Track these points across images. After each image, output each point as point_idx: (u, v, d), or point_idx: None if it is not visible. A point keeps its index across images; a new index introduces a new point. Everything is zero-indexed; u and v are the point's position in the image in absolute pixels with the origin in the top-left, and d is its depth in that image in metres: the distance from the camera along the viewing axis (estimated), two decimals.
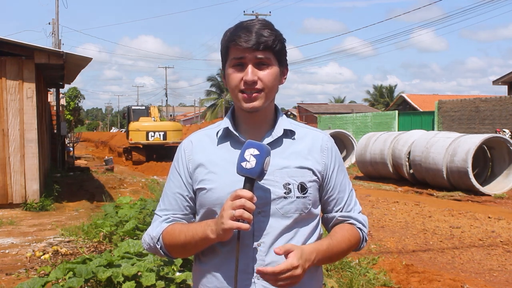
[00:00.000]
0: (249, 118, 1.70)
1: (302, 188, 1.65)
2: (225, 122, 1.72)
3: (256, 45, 1.60)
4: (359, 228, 1.76)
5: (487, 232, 7.97)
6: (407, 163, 14.58)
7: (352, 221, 1.76)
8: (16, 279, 5.21)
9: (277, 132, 1.69)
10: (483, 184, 13.08)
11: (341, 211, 1.77)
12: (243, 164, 1.54)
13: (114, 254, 4.41)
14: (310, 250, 1.59)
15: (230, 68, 1.65)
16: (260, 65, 1.63)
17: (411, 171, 14.55)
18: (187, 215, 1.74)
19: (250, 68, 1.61)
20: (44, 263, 5.69)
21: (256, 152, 1.54)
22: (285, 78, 1.74)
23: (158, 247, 1.71)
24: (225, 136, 1.71)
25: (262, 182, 1.63)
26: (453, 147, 12.88)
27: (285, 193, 1.64)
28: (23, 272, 5.44)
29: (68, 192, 12.04)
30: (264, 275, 1.54)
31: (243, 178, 1.56)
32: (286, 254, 1.53)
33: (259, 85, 1.62)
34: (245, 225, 1.50)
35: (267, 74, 1.63)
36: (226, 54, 1.67)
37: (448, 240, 7.56)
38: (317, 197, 1.72)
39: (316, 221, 1.73)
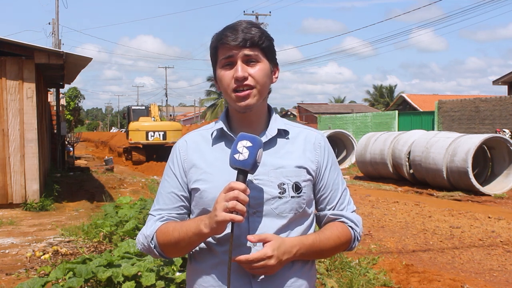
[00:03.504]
0: (242, 119, 1.70)
1: (297, 188, 1.66)
2: (220, 123, 1.73)
3: (243, 41, 1.61)
4: (350, 227, 1.75)
5: (487, 232, 7.97)
6: (407, 163, 14.57)
7: (343, 219, 1.75)
8: (16, 279, 5.21)
9: (271, 132, 1.70)
10: (483, 184, 13.08)
11: (333, 210, 1.76)
12: (236, 156, 1.53)
13: (114, 254, 4.41)
14: (293, 243, 1.59)
15: (220, 68, 1.66)
16: (249, 62, 1.64)
17: (411, 171, 14.55)
18: (181, 214, 1.73)
19: (239, 65, 1.62)
20: (44, 263, 5.69)
21: (249, 144, 1.54)
22: (277, 78, 1.74)
23: (152, 246, 1.69)
24: (220, 136, 1.72)
25: (257, 182, 1.63)
26: (453, 147, 12.88)
27: (279, 193, 1.64)
28: (23, 272, 5.44)
29: (68, 192, 12.04)
30: (239, 263, 1.55)
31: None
32: (263, 243, 1.55)
33: (250, 81, 1.62)
34: (238, 217, 1.49)
35: (257, 70, 1.64)
36: (215, 55, 1.68)
37: (448, 240, 7.56)
38: (311, 196, 1.73)
39: (310, 220, 1.73)
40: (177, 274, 4.00)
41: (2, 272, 5.51)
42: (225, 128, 1.70)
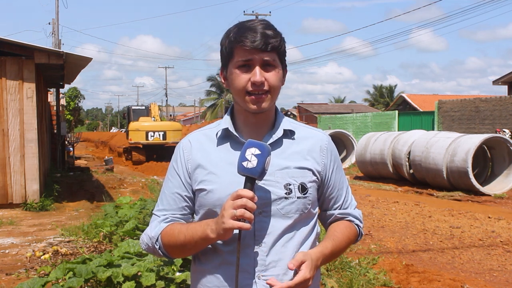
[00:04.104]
0: (250, 119, 1.70)
1: (303, 189, 1.66)
2: (225, 122, 1.72)
3: (264, 46, 1.60)
4: (356, 224, 1.82)
5: (487, 232, 7.97)
6: (407, 163, 14.58)
7: (350, 218, 1.80)
8: (16, 279, 5.21)
9: (277, 133, 1.70)
10: (483, 184, 13.08)
11: (339, 209, 1.79)
12: (244, 163, 1.53)
13: (114, 254, 4.41)
14: (317, 256, 1.62)
15: (236, 68, 1.64)
16: (266, 66, 1.63)
17: (411, 171, 14.56)
18: (185, 215, 1.74)
19: (258, 69, 1.61)
20: (44, 263, 5.69)
21: (258, 151, 1.54)
22: (284, 79, 1.75)
23: (157, 247, 1.70)
24: (225, 136, 1.71)
25: (263, 183, 1.63)
26: (453, 147, 12.88)
27: (286, 193, 1.64)
28: (23, 272, 5.44)
29: (68, 192, 12.04)
30: None
31: (243, 179, 1.55)
32: (299, 266, 1.55)
33: (266, 86, 1.63)
34: (246, 225, 1.50)
35: (273, 75, 1.64)
36: (231, 54, 1.65)
37: (448, 240, 7.56)
38: (316, 197, 1.74)
39: (314, 220, 1.75)
40: (177, 274, 4.00)
41: (2, 272, 5.51)
42: (230, 128, 1.70)
